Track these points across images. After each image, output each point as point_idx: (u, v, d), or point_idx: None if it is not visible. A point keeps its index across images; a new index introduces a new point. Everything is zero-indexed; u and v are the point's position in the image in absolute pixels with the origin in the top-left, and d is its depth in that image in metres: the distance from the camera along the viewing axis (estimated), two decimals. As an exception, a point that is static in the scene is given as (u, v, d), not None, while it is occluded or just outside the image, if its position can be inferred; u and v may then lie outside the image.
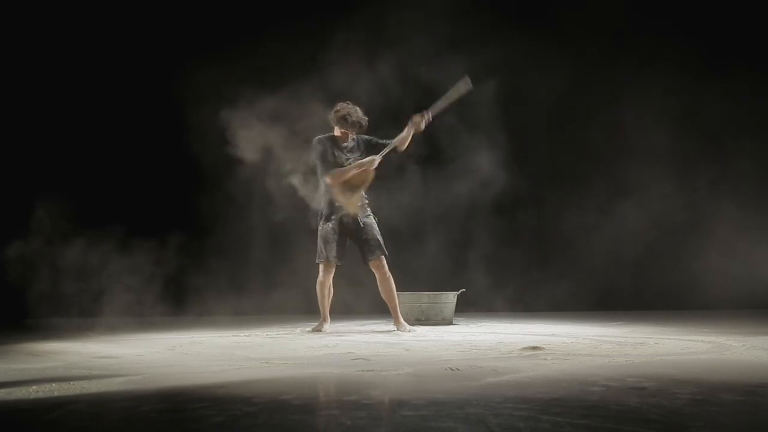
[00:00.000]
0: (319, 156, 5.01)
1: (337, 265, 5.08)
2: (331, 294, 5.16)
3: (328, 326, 5.09)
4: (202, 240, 7.19)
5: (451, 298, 5.86)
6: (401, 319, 5.10)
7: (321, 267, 5.06)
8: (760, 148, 7.17)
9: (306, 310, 6.48)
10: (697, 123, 7.25)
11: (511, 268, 7.43)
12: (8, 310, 6.22)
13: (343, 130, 5.05)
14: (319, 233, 5.06)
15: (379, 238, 5.06)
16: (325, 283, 5.08)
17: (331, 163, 4.99)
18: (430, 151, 6.72)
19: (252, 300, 6.92)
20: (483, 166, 6.59)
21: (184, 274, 6.69)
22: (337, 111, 5.03)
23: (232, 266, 7.22)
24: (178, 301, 6.55)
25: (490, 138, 6.58)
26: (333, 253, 5.00)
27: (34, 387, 2.49)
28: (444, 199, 7.15)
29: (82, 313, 6.04)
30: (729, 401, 2.13)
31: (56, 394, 2.38)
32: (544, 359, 3.15)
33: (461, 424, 1.84)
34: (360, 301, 6.72)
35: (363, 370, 2.84)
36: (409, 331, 4.94)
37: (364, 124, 5.07)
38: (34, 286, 5.85)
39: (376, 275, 5.08)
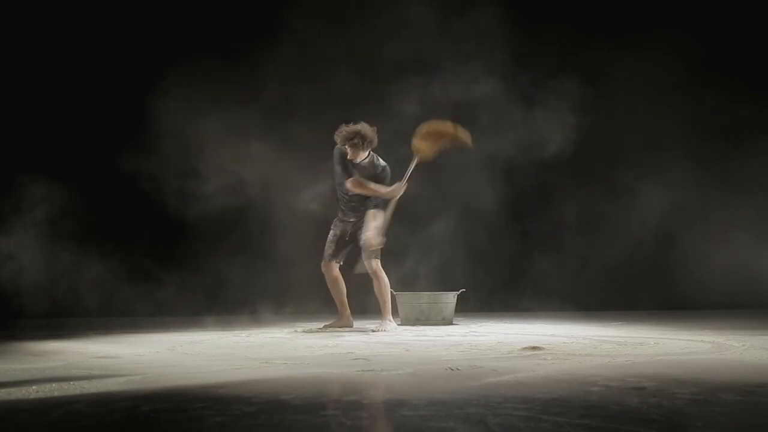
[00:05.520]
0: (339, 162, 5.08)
1: None
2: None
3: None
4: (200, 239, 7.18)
5: (451, 298, 5.85)
6: (385, 318, 5.13)
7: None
8: (766, 149, 7.15)
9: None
10: (704, 122, 7.22)
11: (510, 268, 7.42)
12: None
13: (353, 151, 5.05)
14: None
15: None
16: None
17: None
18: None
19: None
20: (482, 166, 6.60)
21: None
22: (345, 134, 5.02)
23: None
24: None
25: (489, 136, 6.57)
26: None
27: (34, 387, 2.49)
28: (442, 197, 7.14)
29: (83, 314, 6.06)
30: (729, 401, 2.13)
31: (56, 394, 2.37)
32: (544, 359, 3.15)
33: (461, 424, 1.84)
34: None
35: (363, 370, 2.84)
36: (383, 331, 4.95)
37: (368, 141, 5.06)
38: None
39: None
